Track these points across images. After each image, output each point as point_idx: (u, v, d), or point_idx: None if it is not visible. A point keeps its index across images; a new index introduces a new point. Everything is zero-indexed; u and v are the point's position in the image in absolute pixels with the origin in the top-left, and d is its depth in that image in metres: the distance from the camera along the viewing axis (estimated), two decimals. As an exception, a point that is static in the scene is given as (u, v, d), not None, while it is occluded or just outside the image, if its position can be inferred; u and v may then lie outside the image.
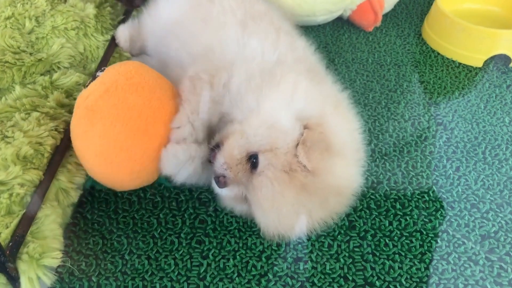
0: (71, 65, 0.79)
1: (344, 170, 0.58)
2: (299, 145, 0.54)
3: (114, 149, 0.58)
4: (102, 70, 0.63)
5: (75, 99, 0.73)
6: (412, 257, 0.63)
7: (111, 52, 0.83)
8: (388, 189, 0.72)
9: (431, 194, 0.72)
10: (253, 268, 0.61)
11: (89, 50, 0.82)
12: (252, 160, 0.56)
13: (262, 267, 0.61)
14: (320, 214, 0.56)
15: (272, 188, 0.54)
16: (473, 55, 0.99)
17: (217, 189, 0.59)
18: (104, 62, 0.80)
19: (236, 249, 0.63)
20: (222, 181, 0.57)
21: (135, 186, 0.64)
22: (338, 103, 0.61)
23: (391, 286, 0.60)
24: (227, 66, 0.61)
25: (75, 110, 0.61)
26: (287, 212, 0.54)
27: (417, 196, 0.71)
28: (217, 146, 0.58)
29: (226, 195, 0.59)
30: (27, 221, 0.56)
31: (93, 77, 0.64)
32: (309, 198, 0.54)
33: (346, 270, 0.61)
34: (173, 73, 0.67)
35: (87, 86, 0.63)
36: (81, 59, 0.81)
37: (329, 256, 0.63)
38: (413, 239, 0.65)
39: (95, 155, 0.59)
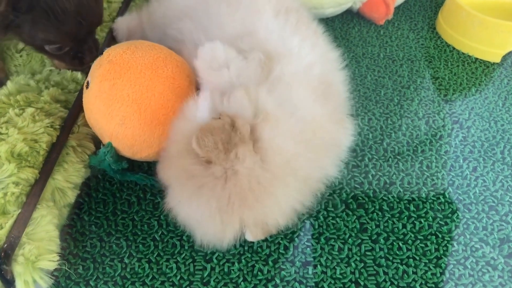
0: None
1: (257, 173, 0.52)
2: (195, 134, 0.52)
3: (147, 96, 0.61)
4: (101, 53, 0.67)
5: (70, 92, 0.74)
6: (427, 261, 0.63)
7: (111, 39, 0.84)
8: (401, 190, 0.72)
9: (447, 196, 0.72)
10: (259, 273, 0.62)
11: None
12: None
13: (269, 271, 0.62)
14: (220, 216, 0.52)
15: (166, 178, 0.56)
16: (490, 49, 1.00)
17: None
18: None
19: (242, 252, 0.64)
20: None
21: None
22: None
23: (405, 291, 0.60)
24: (274, 56, 0.60)
25: (92, 74, 0.64)
26: (187, 210, 0.54)
27: (432, 198, 0.72)
28: None
29: None
30: (22, 222, 0.56)
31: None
32: (200, 191, 0.52)
33: (357, 275, 0.62)
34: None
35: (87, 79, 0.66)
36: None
37: (339, 260, 0.63)
38: (428, 243, 0.66)
39: (127, 105, 0.61)
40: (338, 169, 0.60)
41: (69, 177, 0.65)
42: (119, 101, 0.61)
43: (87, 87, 0.65)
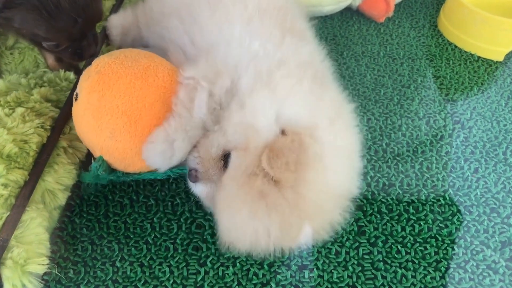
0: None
1: (321, 194, 0.55)
2: (264, 152, 0.53)
3: (138, 107, 0.61)
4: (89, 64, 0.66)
5: (62, 90, 0.74)
6: (426, 265, 0.64)
7: (101, 45, 0.84)
8: (400, 192, 0.73)
9: (447, 198, 0.72)
10: (254, 277, 0.62)
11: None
12: (225, 159, 0.57)
13: (264, 275, 0.62)
14: (278, 234, 0.54)
15: (229, 188, 0.55)
16: (493, 48, 1.00)
17: (189, 184, 0.62)
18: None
19: (236, 256, 0.64)
20: (193, 175, 0.60)
21: None
22: (336, 117, 0.60)
23: (403, 296, 0.61)
24: (231, 70, 0.61)
25: (81, 86, 0.64)
26: (240, 220, 0.54)
27: (432, 200, 0.72)
28: None
29: (198, 192, 0.61)
30: (11, 224, 0.56)
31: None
32: (267, 211, 0.53)
33: (355, 279, 0.62)
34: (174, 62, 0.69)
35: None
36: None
37: (336, 264, 0.64)
38: (428, 246, 0.66)
39: (117, 117, 0.61)
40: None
41: (59, 178, 0.65)
42: (109, 113, 0.61)
43: (75, 99, 0.65)
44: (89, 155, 0.68)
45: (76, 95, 0.65)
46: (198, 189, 0.61)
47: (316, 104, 0.59)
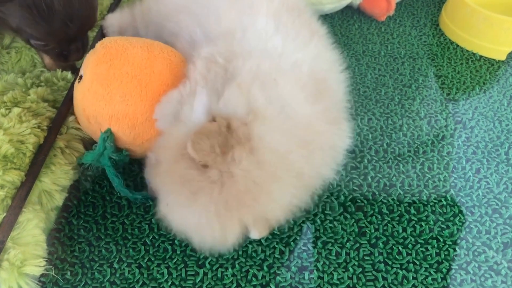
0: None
1: (257, 173, 0.53)
2: (191, 134, 0.52)
3: (147, 72, 0.63)
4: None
5: (59, 89, 0.74)
6: (427, 266, 0.64)
7: (101, 37, 0.84)
8: (401, 193, 0.72)
9: (449, 198, 0.72)
10: (253, 278, 0.62)
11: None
12: None
13: (263, 276, 0.62)
14: (218, 222, 0.53)
15: (159, 185, 0.56)
16: (495, 47, 1.00)
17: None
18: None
19: (235, 257, 0.64)
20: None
21: None
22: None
23: (404, 297, 0.61)
24: (245, 55, 0.62)
25: (86, 62, 0.66)
26: (180, 216, 0.55)
27: (433, 200, 0.72)
28: None
29: None
30: (7, 226, 0.56)
31: None
32: (196, 196, 0.52)
33: (355, 280, 0.62)
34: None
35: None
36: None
37: (336, 265, 0.64)
38: (429, 247, 0.66)
39: (127, 82, 0.63)
40: (334, 171, 0.60)
41: (56, 179, 0.65)
42: (118, 79, 0.62)
43: (79, 81, 0.65)
44: (87, 145, 0.69)
45: (81, 76, 0.65)
46: None
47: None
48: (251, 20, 0.67)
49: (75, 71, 0.78)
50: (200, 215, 0.52)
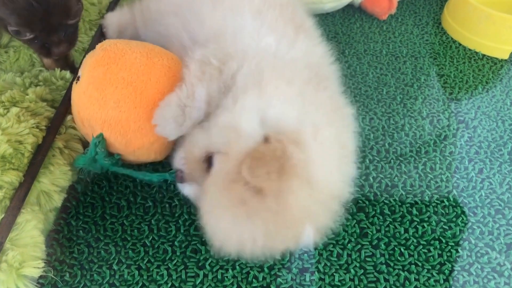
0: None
1: (307, 201, 0.54)
2: (244, 158, 0.52)
3: (143, 79, 0.63)
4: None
5: (57, 89, 0.74)
6: (430, 267, 0.64)
7: (100, 36, 0.84)
8: (403, 193, 0.72)
9: (451, 199, 0.72)
10: (254, 280, 0.62)
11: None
12: (209, 161, 0.57)
13: (264, 278, 0.62)
14: (263, 241, 0.53)
15: (212, 193, 0.54)
16: (498, 45, 1.00)
17: (177, 185, 0.63)
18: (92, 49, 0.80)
19: (236, 258, 0.64)
20: (179, 176, 0.61)
21: None
22: (328, 122, 0.59)
23: (406, 299, 0.61)
24: (239, 56, 0.62)
25: (84, 64, 0.65)
26: (224, 225, 0.53)
27: (435, 201, 0.72)
28: None
29: (186, 192, 0.62)
30: (6, 227, 0.56)
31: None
32: (248, 218, 0.52)
33: (357, 282, 0.62)
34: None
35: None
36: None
37: (338, 267, 0.64)
38: (431, 248, 0.66)
39: (122, 88, 0.62)
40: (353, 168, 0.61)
41: (55, 180, 0.65)
42: (113, 84, 0.62)
43: (77, 82, 0.65)
44: (86, 145, 0.68)
45: (78, 77, 0.65)
46: (186, 190, 0.62)
47: (305, 108, 0.58)
48: (237, 21, 0.67)
49: (74, 70, 0.78)
50: (251, 233, 0.52)
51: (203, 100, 0.60)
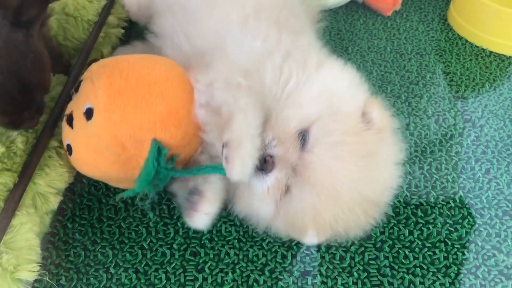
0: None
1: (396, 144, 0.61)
2: (369, 103, 0.59)
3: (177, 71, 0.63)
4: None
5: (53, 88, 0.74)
6: (435, 270, 0.64)
7: (97, 36, 0.84)
8: (408, 194, 0.72)
9: (457, 200, 0.72)
10: (255, 283, 0.62)
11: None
12: (302, 138, 0.57)
13: (265, 281, 0.62)
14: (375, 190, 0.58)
15: (331, 155, 0.55)
16: (506, 42, 1.00)
17: (255, 183, 0.58)
18: (89, 49, 0.80)
19: (236, 261, 0.64)
20: (270, 162, 0.57)
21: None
22: None
23: (411, 303, 0.61)
24: (248, 69, 0.62)
25: (98, 88, 0.61)
26: (348, 186, 0.55)
27: (441, 202, 0.72)
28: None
29: (271, 183, 0.58)
30: (0, 229, 0.56)
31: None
32: (369, 168, 0.56)
33: (360, 286, 0.62)
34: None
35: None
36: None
37: (341, 270, 0.64)
38: (437, 251, 0.66)
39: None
40: None
41: (51, 182, 0.65)
42: (142, 83, 0.59)
43: (89, 119, 0.60)
44: None
45: (89, 111, 0.60)
46: (270, 180, 0.58)
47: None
48: (231, 32, 0.67)
49: (69, 69, 0.78)
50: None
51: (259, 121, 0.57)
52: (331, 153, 0.55)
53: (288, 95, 0.61)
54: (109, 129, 0.59)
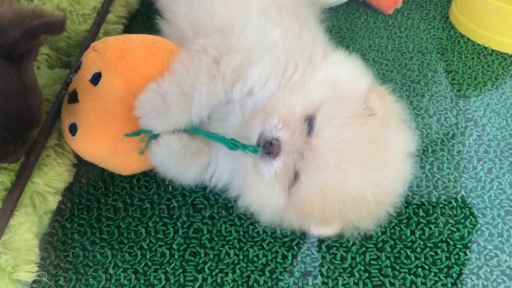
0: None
1: (404, 133, 0.61)
2: (369, 92, 0.59)
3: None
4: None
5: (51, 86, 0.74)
6: (437, 271, 0.64)
7: (96, 33, 0.84)
8: (409, 194, 0.72)
9: (459, 200, 0.72)
10: (255, 284, 0.62)
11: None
12: (310, 122, 0.57)
13: (265, 282, 0.62)
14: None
15: (338, 137, 0.56)
16: (508, 40, 1.00)
17: (263, 168, 0.59)
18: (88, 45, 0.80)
19: (236, 261, 0.64)
20: (276, 145, 0.57)
21: None
22: None
23: (413, 304, 0.61)
24: (244, 52, 0.62)
25: (107, 62, 0.64)
26: (355, 169, 0.55)
27: (443, 202, 0.72)
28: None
29: (276, 167, 0.58)
30: (-2, 230, 0.57)
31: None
32: (376, 152, 0.56)
33: (361, 286, 0.62)
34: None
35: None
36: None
37: (342, 270, 0.64)
38: (439, 251, 0.66)
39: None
40: None
41: (50, 181, 0.65)
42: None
43: (96, 83, 0.63)
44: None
45: (96, 75, 0.64)
46: (277, 164, 0.58)
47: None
48: (245, 17, 0.68)
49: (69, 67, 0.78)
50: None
51: (189, 86, 0.59)
52: (337, 135, 0.56)
53: (294, 84, 0.62)
54: (120, 84, 0.62)
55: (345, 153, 0.55)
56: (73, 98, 0.64)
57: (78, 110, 0.63)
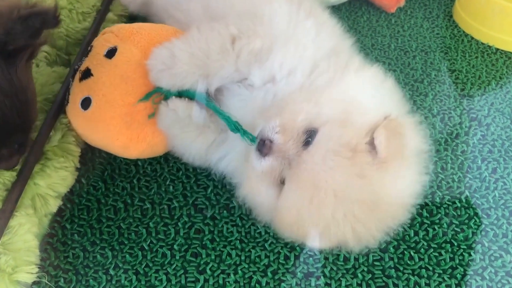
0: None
1: (407, 179, 0.57)
2: (379, 128, 0.53)
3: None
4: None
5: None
6: (441, 272, 0.64)
7: (96, 31, 0.84)
8: (413, 194, 0.72)
9: (464, 200, 0.72)
10: (257, 285, 0.62)
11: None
12: (308, 136, 0.56)
13: (267, 283, 0.62)
14: (366, 225, 0.54)
15: (323, 162, 0.54)
16: (512, 39, 1.00)
17: (254, 161, 0.59)
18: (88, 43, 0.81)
19: (238, 262, 0.64)
20: (268, 145, 0.57)
21: None
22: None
23: (416, 305, 0.61)
24: (267, 38, 0.63)
25: (124, 41, 0.67)
26: (328, 200, 0.53)
27: (447, 202, 0.72)
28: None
29: (264, 166, 0.58)
30: (-2, 230, 0.57)
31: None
32: (360, 191, 0.53)
33: (364, 287, 0.62)
34: None
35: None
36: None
37: (345, 271, 0.64)
38: (443, 252, 0.66)
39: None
40: None
41: (52, 184, 0.64)
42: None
43: (111, 57, 0.66)
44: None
45: (112, 50, 0.67)
46: (265, 163, 0.57)
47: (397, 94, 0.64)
48: (275, 5, 0.68)
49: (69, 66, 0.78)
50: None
51: (198, 48, 0.61)
52: (323, 159, 0.54)
53: (315, 89, 0.61)
54: (137, 52, 0.65)
55: (326, 180, 0.53)
56: (86, 74, 0.66)
57: (93, 83, 0.65)
